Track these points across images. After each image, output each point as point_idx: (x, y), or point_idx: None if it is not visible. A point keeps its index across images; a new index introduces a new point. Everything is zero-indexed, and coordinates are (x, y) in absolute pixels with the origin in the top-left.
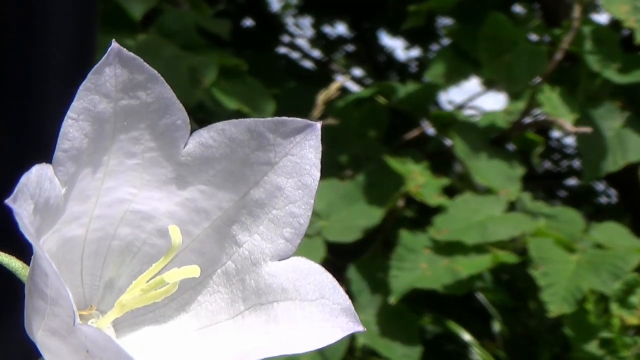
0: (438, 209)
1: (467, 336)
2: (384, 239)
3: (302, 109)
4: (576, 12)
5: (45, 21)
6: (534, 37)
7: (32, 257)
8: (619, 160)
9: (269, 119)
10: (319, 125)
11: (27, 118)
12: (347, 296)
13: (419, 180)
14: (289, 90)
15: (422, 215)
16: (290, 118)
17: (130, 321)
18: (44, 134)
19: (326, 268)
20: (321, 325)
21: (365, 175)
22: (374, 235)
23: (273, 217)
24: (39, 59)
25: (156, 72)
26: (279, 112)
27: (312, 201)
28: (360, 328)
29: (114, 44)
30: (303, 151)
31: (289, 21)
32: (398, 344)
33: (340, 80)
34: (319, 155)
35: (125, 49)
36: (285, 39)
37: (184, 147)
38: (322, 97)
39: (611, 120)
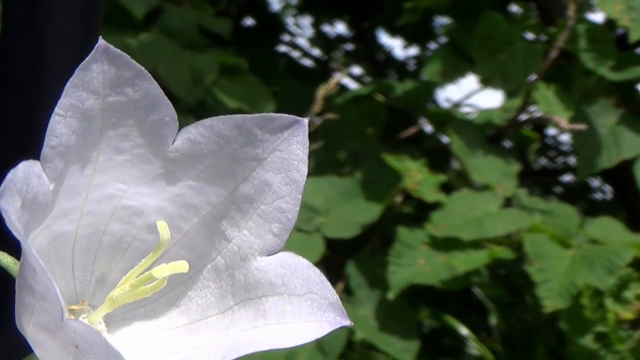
0: (435, 205)
1: (464, 330)
2: (383, 234)
3: (302, 107)
4: (571, 11)
5: (47, 20)
6: (530, 35)
7: (22, 253)
8: (614, 156)
9: (256, 115)
10: (306, 121)
11: (27, 114)
12: (334, 291)
13: (417, 177)
14: (289, 89)
15: (420, 212)
16: (278, 114)
17: (121, 316)
18: (44, 131)
19: (325, 264)
20: (309, 320)
21: (364, 172)
22: (373, 231)
23: (262, 213)
24: (40, 56)
25: (143, 68)
26: (278, 110)
27: (300, 196)
28: (347, 322)
29: (101, 41)
30: (291, 147)
31: (289, 20)
32: (396, 338)
33: (338, 76)
34: (307, 151)
35: (112, 46)
36: (286, 38)
37: (173, 144)
38: (321, 92)
39: (606, 117)
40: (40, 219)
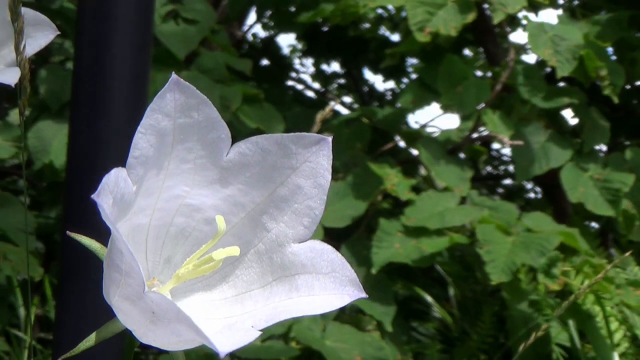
0: (408, 202)
1: (429, 298)
2: (367, 225)
3: (305, 128)
4: (511, 54)
5: (111, 62)
6: (480, 73)
7: (109, 239)
8: (544, 166)
9: (292, 133)
10: (330, 139)
11: (96, 131)
12: (353, 270)
13: (394, 180)
14: (295, 114)
15: (396, 207)
16: (309, 133)
17: (183, 289)
18: (108, 143)
19: None
20: (333, 293)
21: (353, 177)
22: (360, 222)
23: (295, 210)
24: (106, 89)
25: (205, 97)
26: (287, 130)
27: (325, 197)
28: (363, 295)
29: (174, 75)
30: (318, 159)
31: (296, 61)
32: (378, 304)
33: (333, 104)
34: (331, 162)
35: (182, 79)
36: (293, 74)
37: (227, 155)
38: (319, 116)
39: (537, 136)
40: (125, 214)
